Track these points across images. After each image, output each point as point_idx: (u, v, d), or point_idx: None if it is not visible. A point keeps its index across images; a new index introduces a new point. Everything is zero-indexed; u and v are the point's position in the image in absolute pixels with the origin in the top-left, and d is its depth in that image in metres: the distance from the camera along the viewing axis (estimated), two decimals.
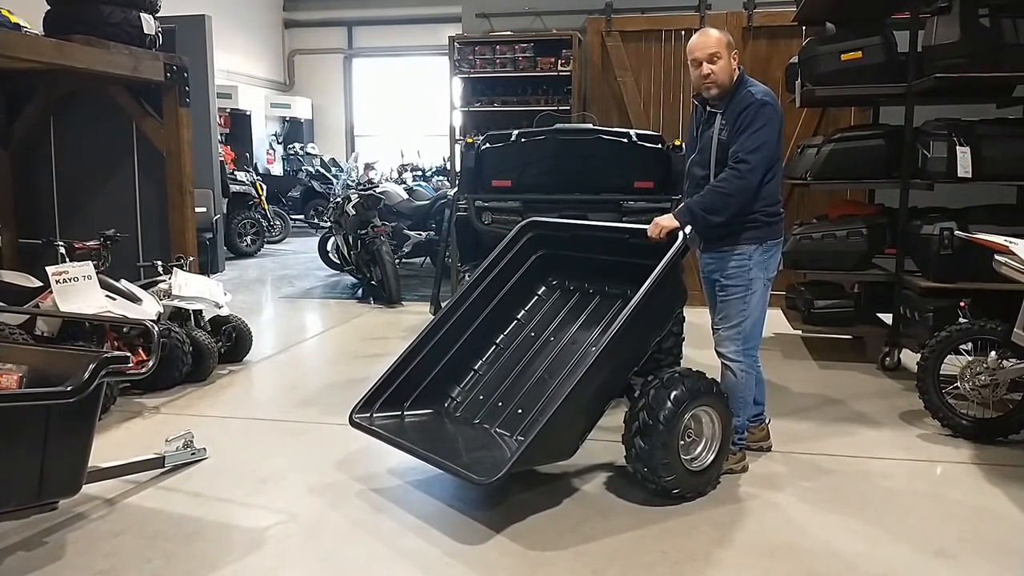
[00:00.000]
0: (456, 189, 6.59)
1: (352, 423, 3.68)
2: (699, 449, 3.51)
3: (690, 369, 3.56)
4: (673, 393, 3.35)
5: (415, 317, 7.49)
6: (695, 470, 3.46)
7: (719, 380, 3.71)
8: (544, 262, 4.23)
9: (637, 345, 3.53)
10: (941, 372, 4.29)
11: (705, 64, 3.55)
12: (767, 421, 4.07)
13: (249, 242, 12.28)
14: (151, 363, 3.43)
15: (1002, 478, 3.74)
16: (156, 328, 3.60)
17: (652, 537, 3.18)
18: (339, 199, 9.25)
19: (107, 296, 4.76)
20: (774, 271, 3.73)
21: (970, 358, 4.25)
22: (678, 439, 3.37)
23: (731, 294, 3.67)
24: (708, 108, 3.70)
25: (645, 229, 3.61)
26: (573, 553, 3.05)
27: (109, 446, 4.03)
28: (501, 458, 3.25)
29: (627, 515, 3.36)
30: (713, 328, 3.81)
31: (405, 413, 3.83)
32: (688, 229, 3.51)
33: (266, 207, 12.80)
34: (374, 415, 3.74)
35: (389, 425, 3.71)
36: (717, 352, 3.76)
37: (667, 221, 3.52)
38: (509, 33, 8.44)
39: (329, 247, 10.10)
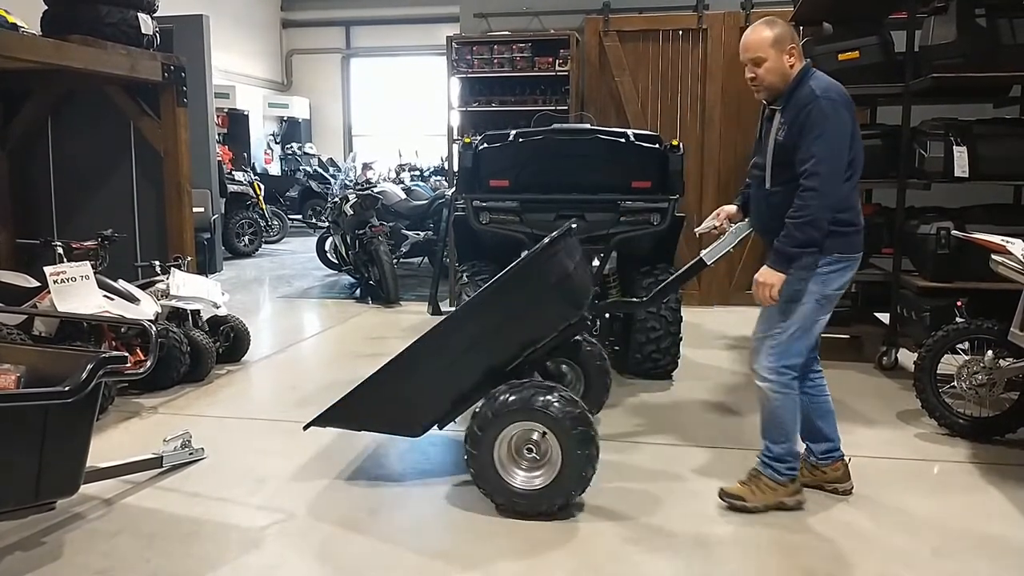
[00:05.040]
0: (454, 189, 6.60)
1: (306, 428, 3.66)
2: (531, 470, 3.29)
3: (540, 382, 3.35)
4: (490, 409, 3.24)
5: (413, 317, 7.49)
6: (526, 490, 3.26)
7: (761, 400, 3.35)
8: None
9: (495, 339, 3.36)
10: (938, 371, 4.30)
11: (749, 66, 3.24)
12: (846, 459, 3.58)
13: (247, 242, 12.28)
14: (149, 363, 3.43)
15: (999, 477, 3.74)
16: (154, 328, 3.61)
17: (650, 535, 3.18)
18: (337, 199, 9.25)
19: (105, 296, 4.76)
20: (837, 290, 3.24)
21: (967, 357, 4.26)
22: (492, 455, 3.24)
23: None
24: (769, 105, 3.34)
25: None
26: (572, 552, 3.05)
27: (107, 446, 4.03)
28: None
29: (625, 513, 3.36)
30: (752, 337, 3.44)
31: None
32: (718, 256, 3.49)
33: (264, 207, 12.81)
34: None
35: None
36: (751, 367, 3.41)
37: (771, 278, 3.15)
38: (507, 33, 8.44)
39: (327, 247, 10.10)
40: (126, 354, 3.25)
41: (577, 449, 3.20)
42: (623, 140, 5.02)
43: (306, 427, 3.64)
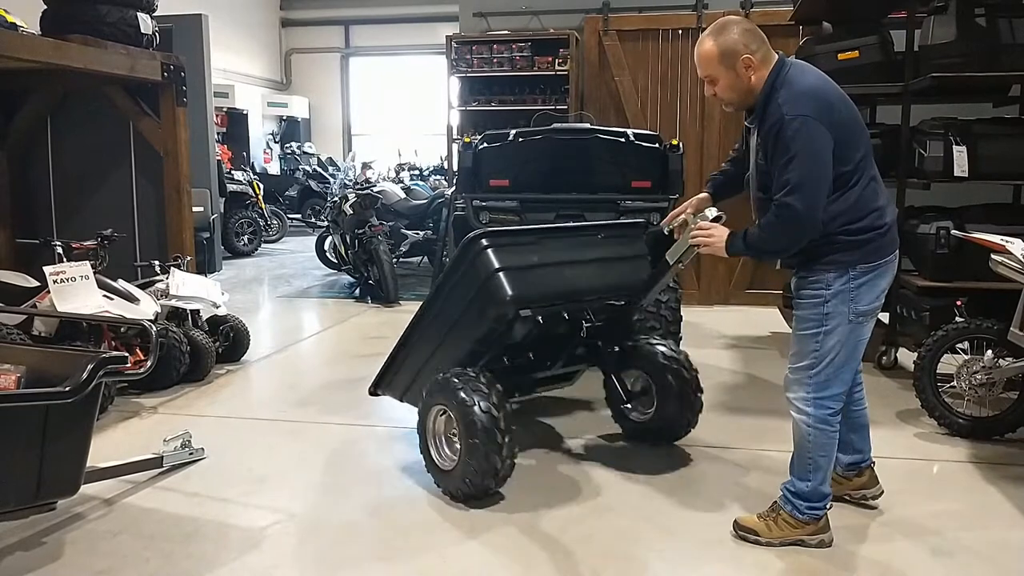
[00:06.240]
0: (454, 188, 6.60)
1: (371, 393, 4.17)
2: (443, 451, 3.54)
3: (472, 377, 3.39)
4: (426, 388, 3.55)
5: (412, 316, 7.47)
6: (444, 469, 3.50)
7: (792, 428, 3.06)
8: None
9: (452, 334, 3.67)
10: (938, 371, 4.30)
11: (707, 85, 2.96)
12: (870, 464, 3.39)
13: (246, 241, 12.27)
14: (149, 363, 3.44)
15: (999, 476, 3.75)
16: (154, 328, 3.61)
17: (649, 535, 3.19)
18: (336, 198, 9.25)
19: (104, 296, 4.76)
20: (871, 304, 2.91)
21: (966, 357, 4.26)
22: (426, 426, 3.53)
23: (802, 327, 2.98)
24: (746, 119, 3.04)
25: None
26: (572, 551, 3.06)
27: (107, 446, 4.03)
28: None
29: (625, 513, 3.37)
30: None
31: None
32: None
33: (263, 206, 12.80)
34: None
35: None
36: (786, 397, 3.08)
37: (719, 238, 2.99)
38: (506, 32, 8.45)
39: (326, 246, 10.10)
40: (126, 354, 3.25)
41: (474, 447, 3.27)
42: (623, 139, 5.03)
43: (371, 392, 4.13)
